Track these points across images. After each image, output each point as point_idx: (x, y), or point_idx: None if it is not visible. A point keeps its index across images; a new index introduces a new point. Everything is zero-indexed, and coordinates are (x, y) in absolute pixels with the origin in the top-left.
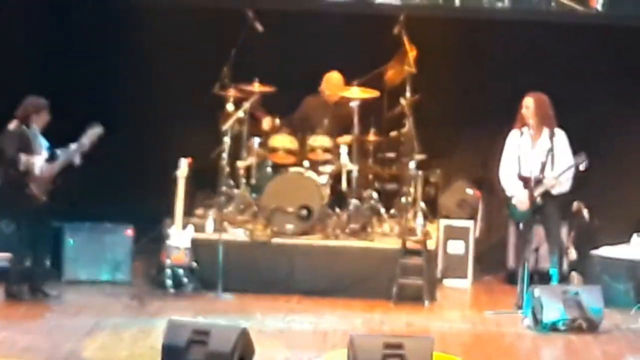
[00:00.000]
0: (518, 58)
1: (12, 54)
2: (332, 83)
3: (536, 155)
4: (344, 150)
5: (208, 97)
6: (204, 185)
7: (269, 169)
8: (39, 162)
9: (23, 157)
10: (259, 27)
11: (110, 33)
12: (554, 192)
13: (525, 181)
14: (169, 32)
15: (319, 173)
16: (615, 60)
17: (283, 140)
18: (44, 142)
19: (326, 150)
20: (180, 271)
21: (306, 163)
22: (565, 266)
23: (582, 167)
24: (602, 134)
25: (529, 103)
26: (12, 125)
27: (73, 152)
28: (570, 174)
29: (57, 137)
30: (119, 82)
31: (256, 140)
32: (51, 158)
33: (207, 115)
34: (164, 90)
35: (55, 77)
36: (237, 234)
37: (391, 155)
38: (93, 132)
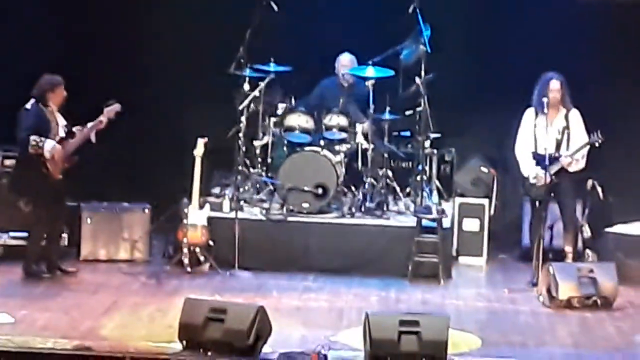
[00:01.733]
0: (533, 36)
1: (27, 34)
2: (344, 64)
3: (551, 133)
4: (359, 129)
5: (224, 76)
6: (221, 164)
7: (284, 148)
8: (48, 145)
9: (32, 140)
10: (275, 6)
11: (128, 12)
12: (570, 169)
13: (541, 159)
14: (186, 11)
15: (334, 152)
16: (632, 40)
17: (299, 120)
18: (61, 121)
19: (342, 129)
20: (197, 250)
21: (322, 142)
22: (579, 244)
23: (597, 145)
24: (616, 112)
25: (557, 87)
26: (29, 104)
27: (89, 130)
28: (585, 151)
29: (74, 116)
30: (135, 61)
31: (272, 120)
32: (68, 136)
33: (223, 95)
34: (181, 70)
35: (71, 57)
36: (253, 213)
37: (406, 133)
38: (111, 109)
